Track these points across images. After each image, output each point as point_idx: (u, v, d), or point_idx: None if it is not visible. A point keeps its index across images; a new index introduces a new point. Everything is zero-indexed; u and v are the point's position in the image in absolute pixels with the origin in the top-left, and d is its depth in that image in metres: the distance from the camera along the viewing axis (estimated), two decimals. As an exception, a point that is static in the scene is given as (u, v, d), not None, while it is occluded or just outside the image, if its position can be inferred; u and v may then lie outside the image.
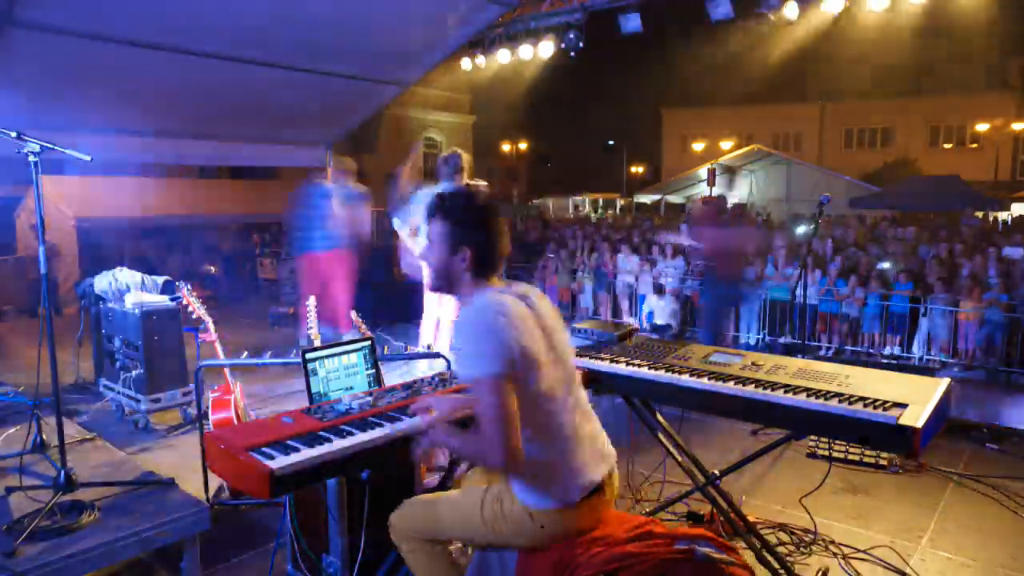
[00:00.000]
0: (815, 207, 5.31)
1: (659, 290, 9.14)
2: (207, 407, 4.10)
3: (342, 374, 3.00)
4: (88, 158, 2.97)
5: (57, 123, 7.02)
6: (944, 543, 3.48)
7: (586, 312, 9.95)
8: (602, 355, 3.26)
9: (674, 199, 28.14)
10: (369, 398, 2.68)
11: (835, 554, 3.36)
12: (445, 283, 2.19)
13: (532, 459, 2.03)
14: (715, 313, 6.61)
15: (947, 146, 30.96)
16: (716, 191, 24.77)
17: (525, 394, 1.99)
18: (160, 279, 5.57)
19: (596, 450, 2.15)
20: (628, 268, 9.67)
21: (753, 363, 3.09)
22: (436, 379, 2.95)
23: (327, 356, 2.96)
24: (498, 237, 2.16)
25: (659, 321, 8.95)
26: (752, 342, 8.26)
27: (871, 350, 7.65)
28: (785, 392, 2.73)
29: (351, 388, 3.00)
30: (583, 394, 2.23)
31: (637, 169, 38.54)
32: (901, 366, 6.67)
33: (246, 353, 6.29)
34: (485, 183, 6.65)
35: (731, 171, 26.01)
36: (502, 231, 2.18)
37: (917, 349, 7.40)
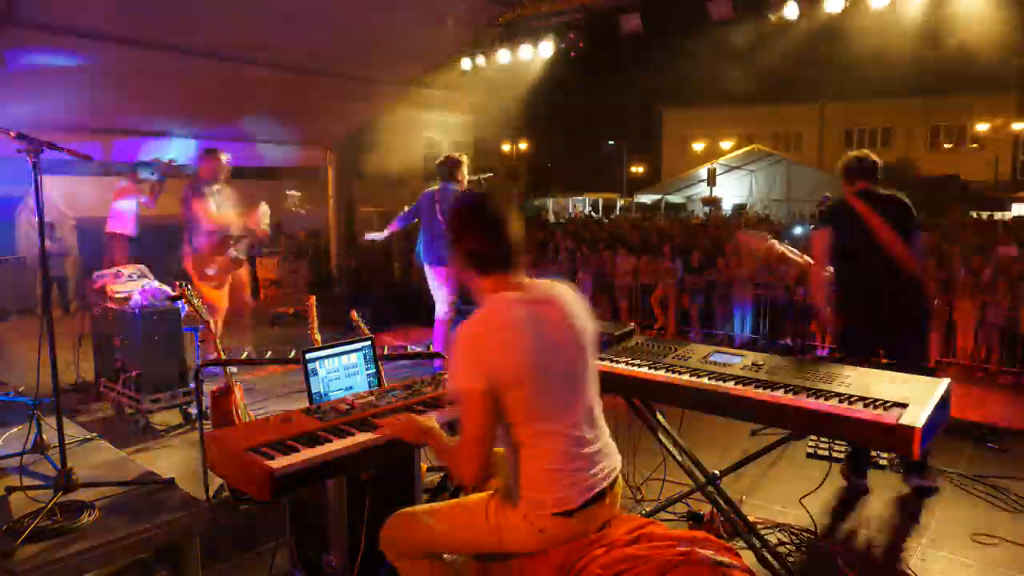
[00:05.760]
0: (815, 207, 5.29)
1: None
2: (207, 407, 4.10)
3: (342, 374, 3.00)
4: (88, 158, 2.97)
5: (58, 123, 7.03)
6: (945, 543, 3.48)
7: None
8: (602, 355, 3.26)
9: (674, 199, 28.14)
10: (370, 398, 2.69)
11: (835, 554, 3.36)
12: (467, 290, 2.15)
13: (531, 467, 2.02)
14: None
15: (947, 146, 30.95)
16: (716, 191, 24.80)
17: (518, 406, 1.97)
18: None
19: (599, 458, 2.11)
20: (627, 268, 9.66)
21: (753, 363, 3.09)
22: (435, 379, 2.95)
23: (327, 356, 2.96)
24: (489, 231, 2.05)
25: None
26: (748, 341, 8.26)
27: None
28: (785, 392, 2.73)
29: (351, 388, 3.00)
30: (593, 400, 2.15)
31: (637, 169, 38.51)
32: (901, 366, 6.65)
33: (246, 353, 6.29)
34: (490, 173, 6.61)
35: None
36: (496, 223, 2.05)
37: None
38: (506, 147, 33.91)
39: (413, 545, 2.25)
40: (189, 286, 4.36)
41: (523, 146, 35.29)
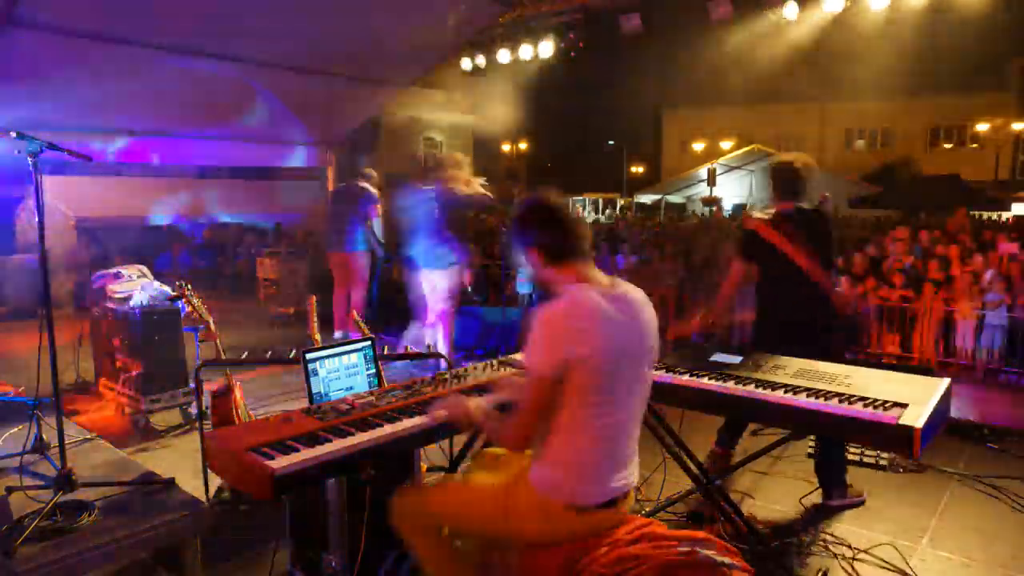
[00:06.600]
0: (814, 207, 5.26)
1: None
2: (207, 407, 4.10)
3: (343, 374, 3.00)
4: (88, 158, 2.98)
5: (57, 123, 7.03)
6: (945, 543, 3.48)
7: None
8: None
9: (674, 199, 28.16)
10: (370, 398, 2.68)
11: (835, 554, 3.36)
12: (542, 287, 2.24)
13: (563, 454, 2.05)
14: None
15: (947, 146, 30.98)
16: (716, 191, 24.80)
17: (580, 389, 2.01)
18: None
19: (626, 466, 2.15)
20: (626, 268, 9.68)
21: (753, 363, 3.09)
22: (435, 379, 2.95)
23: (327, 356, 2.96)
24: (556, 227, 2.16)
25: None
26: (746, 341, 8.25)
27: (870, 350, 7.65)
28: (785, 392, 2.73)
29: (351, 388, 3.00)
30: (639, 410, 2.19)
31: (637, 169, 38.54)
32: (901, 366, 6.66)
33: (246, 353, 6.29)
34: (483, 180, 6.60)
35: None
36: (562, 216, 2.18)
37: (916, 349, 7.40)
38: (506, 147, 33.96)
39: (423, 517, 2.27)
40: (189, 286, 4.35)
41: (523, 146, 35.32)
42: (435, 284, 5.81)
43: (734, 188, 26.89)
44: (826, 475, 3.91)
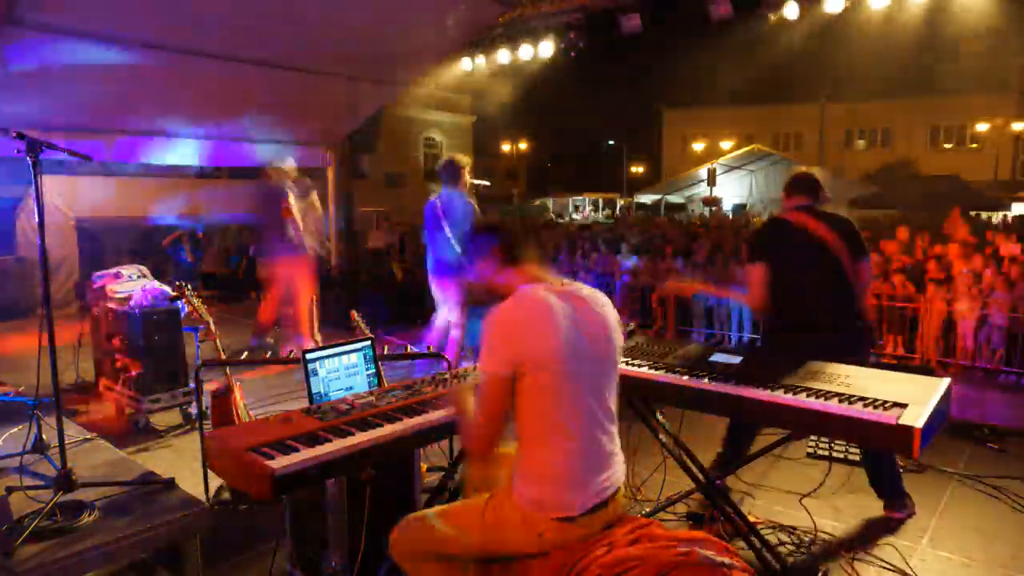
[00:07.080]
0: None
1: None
2: (207, 407, 4.10)
3: (343, 374, 3.00)
4: (88, 158, 2.98)
5: (58, 123, 7.03)
6: (945, 543, 3.48)
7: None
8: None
9: (674, 199, 28.17)
10: (370, 398, 2.68)
11: (835, 554, 3.36)
12: (490, 294, 2.22)
13: (540, 468, 2.02)
14: None
15: (947, 146, 31.00)
16: (716, 191, 24.80)
17: (541, 393, 1.98)
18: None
19: (609, 466, 2.11)
20: (628, 268, 9.67)
21: (753, 363, 3.09)
22: (435, 379, 2.95)
23: (327, 356, 2.96)
24: (514, 227, 2.23)
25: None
26: (746, 340, 8.25)
27: (871, 350, 7.65)
28: (785, 392, 2.73)
29: (351, 388, 3.00)
30: (611, 407, 2.15)
31: (637, 169, 38.59)
32: (901, 366, 6.66)
33: (246, 353, 6.29)
34: (486, 182, 6.54)
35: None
36: (517, 226, 2.26)
37: (917, 349, 7.40)
38: (506, 147, 33.98)
39: (421, 548, 2.24)
40: (189, 286, 4.36)
41: (523, 146, 35.34)
42: (443, 294, 5.82)
43: (734, 188, 26.90)
44: (885, 487, 3.73)
